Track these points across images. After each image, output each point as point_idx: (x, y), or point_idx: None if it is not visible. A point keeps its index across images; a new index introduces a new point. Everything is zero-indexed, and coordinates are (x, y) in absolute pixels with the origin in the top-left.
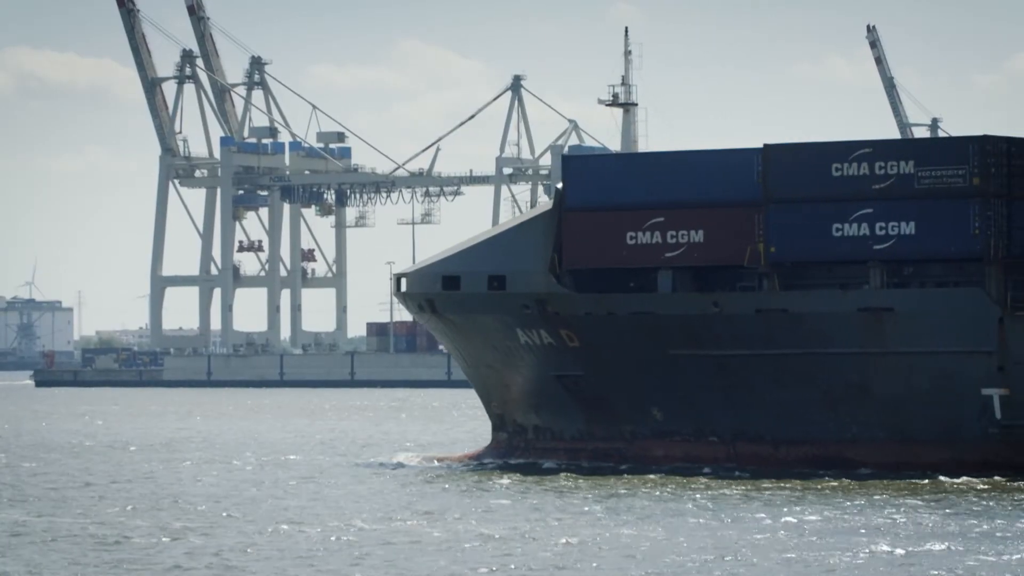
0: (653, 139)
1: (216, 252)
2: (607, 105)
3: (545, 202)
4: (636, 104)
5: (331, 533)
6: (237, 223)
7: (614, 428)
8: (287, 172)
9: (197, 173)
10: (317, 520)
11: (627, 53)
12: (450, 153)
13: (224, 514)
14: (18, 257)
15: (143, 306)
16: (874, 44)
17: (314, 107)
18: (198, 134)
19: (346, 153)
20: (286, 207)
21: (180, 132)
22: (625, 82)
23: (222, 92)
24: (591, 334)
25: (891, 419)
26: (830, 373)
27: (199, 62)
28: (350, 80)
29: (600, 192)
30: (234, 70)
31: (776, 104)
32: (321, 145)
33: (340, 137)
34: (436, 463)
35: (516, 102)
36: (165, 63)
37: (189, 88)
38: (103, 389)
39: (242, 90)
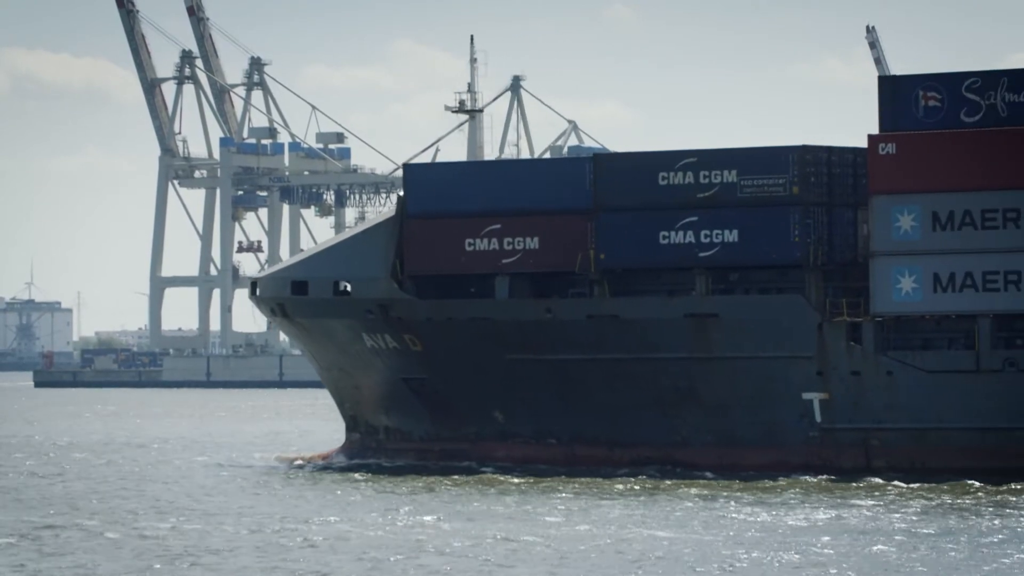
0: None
1: (215, 253)
2: (453, 112)
3: (389, 209)
4: (481, 111)
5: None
6: (236, 224)
7: (459, 429)
8: (286, 173)
9: (196, 174)
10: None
11: (473, 61)
12: (449, 154)
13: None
14: (17, 258)
15: (142, 307)
16: (873, 45)
17: (313, 108)
18: (197, 135)
19: (345, 154)
20: (285, 208)
21: (179, 133)
22: (471, 89)
23: (221, 93)
24: (433, 339)
25: (718, 422)
26: (659, 378)
27: (198, 63)
28: (345, 81)
29: (440, 200)
30: (233, 71)
31: (773, 105)
32: (320, 146)
33: (339, 138)
34: (290, 463)
35: (515, 103)
36: (164, 64)
37: (188, 89)
38: (102, 390)
39: (241, 91)
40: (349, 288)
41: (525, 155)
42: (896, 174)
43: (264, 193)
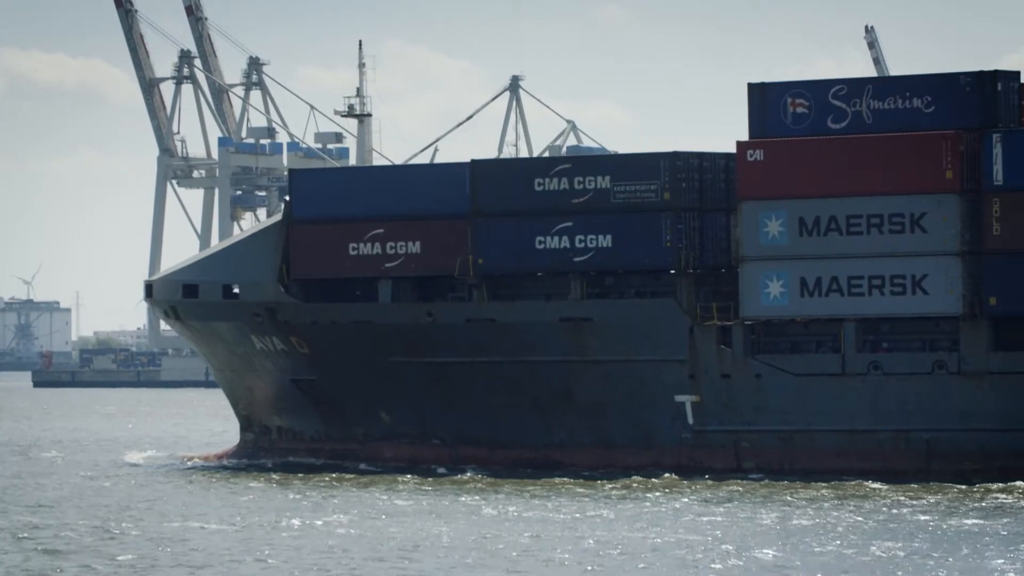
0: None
1: None
2: (342, 116)
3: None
4: (370, 115)
5: None
6: (235, 223)
7: (348, 430)
8: (285, 172)
9: (195, 174)
10: None
11: (361, 65)
12: (446, 155)
13: None
14: (16, 258)
15: (141, 307)
16: (872, 45)
17: (312, 107)
18: (196, 135)
19: (344, 153)
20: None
21: (178, 133)
22: (360, 93)
23: (220, 93)
24: (318, 341)
25: (593, 424)
26: (537, 380)
27: (197, 63)
28: (340, 82)
29: (325, 205)
30: (232, 71)
31: None
32: (319, 145)
33: (338, 137)
34: (183, 461)
35: (514, 103)
36: (163, 64)
37: (187, 89)
38: (101, 390)
39: (240, 90)
40: (238, 291)
41: (524, 155)
42: (764, 180)
43: (263, 193)
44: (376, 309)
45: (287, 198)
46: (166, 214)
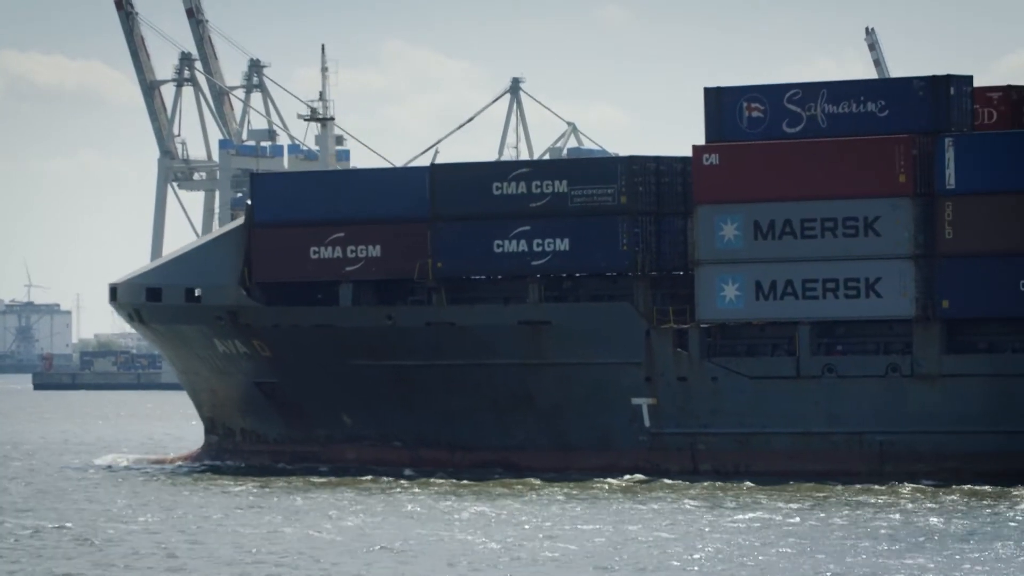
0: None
1: None
2: (305, 120)
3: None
4: (332, 119)
5: None
6: None
7: (310, 432)
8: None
9: (195, 176)
10: None
11: (324, 70)
12: (447, 156)
13: None
14: (16, 260)
15: None
16: (872, 46)
17: (312, 109)
18: (196, 137)
19: (344, 156)
20: None
21: (179, 135)
22: (323, 97)
23: (220, 95)
24: (280, 345)
25: (552, 427)
26: (496, 383)
27: (198, 65)
28: (337, 83)
29: (286, 208)
30: (233, 73)
31: None
32: (319, 148)
33: (339, 140)
34: (151, 463)
35: (515, 105)
36: (163, 66)
37: (187, 91)
38: (101, 392)
39: (241, 93)
40: (200, 294)
41: (524, 156)
42: (719, 184)
43: None
44: (337, 312)
45: (248, 202)
46: (167, 216)
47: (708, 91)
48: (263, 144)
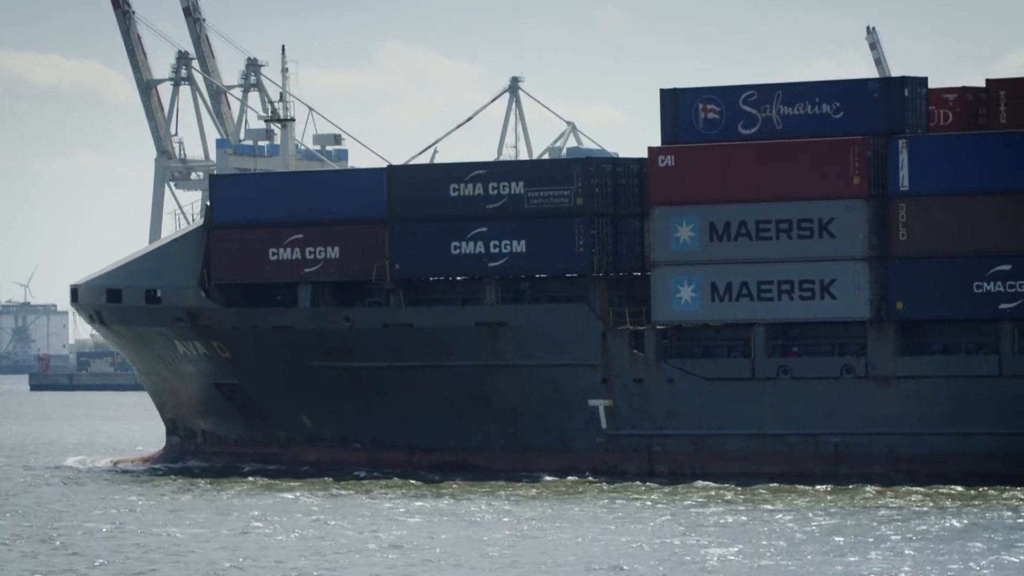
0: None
1: None
2: (265, 121)
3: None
4: (293, 120)
5: None
6: None
7: (270, 433)
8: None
9: (193, 175)
10: None
11: (284, 70)
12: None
13: None
14: (12, 260)
15: None
16: (874, 45)
17: (311, 109)
18: (194, 136)
19: (343, 155)
20: None
21: (176, 134)
22: (283, 98)
23: (218, 94)
24: (240, 346)
25: (509, 428)
26: (454, 384)
27: (195, 64)
28: (335, 83)
29: (245, 210)
30: (230, 72)
31: None
32: (318, 147)
33: (337, 139)
34: (113, 465)
35: (514, 104)
36: (160, 65)
37: (185, 90)
38: (98, 393)
39: (238, 92)
40: (161, 296)
41: (524, 156)
42: (675, 185)
43: None
44: (295, 314)
45: (207, 203)
46: (164, 216)
47: (664, 92)
48: (260, 143)
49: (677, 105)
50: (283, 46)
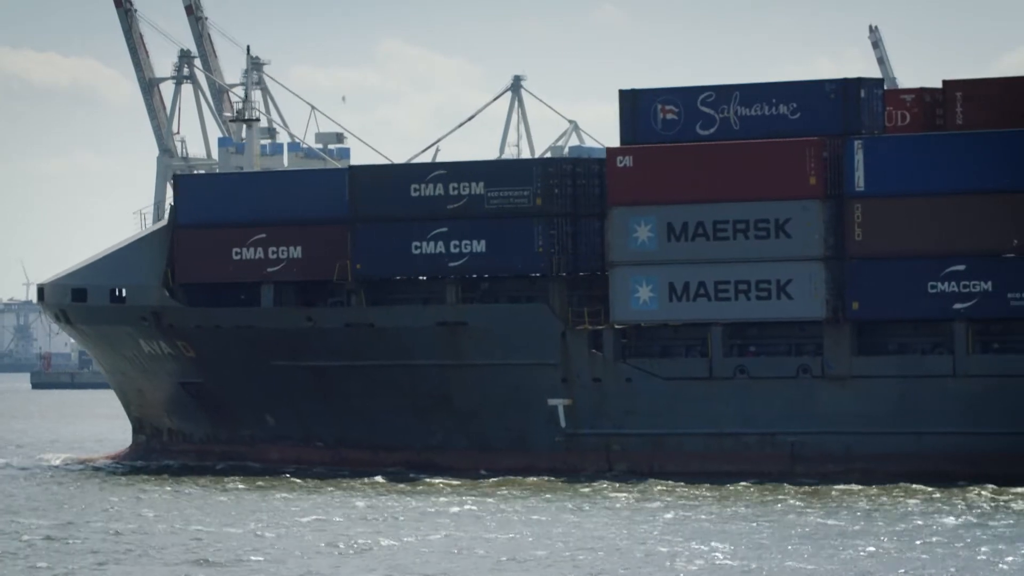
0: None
1: None
2: (231, 120)
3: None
4: (258, 120)
5: None
6: None
7: (235, 432)
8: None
9: (195, 174)
10: None
11: (248, 71)
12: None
13: None
14: (14, 259)
15: None
16: (876, 45)
17: (313, 108)
18: (196, 135)
19: (345, 154)
20: None
21: (178, 133)
22: (248, 97)
23: (220, 93)
24: (203, 345)
25: (470, 427)
26: (415, 384)
27: (197, 62)
28: (333, 82)
29: (209, 210)
30: (232, 70)
31: None
32: (320, 146)
33: (339, 138)
34: (81, 463)
35: (516, 103)
36: (162, 64)
37: (187, 88)
38: (100, 391)
39: (240, 90)
40: (125, 295)
41: (526, 155)
42: (633, 186)
43: None
44: (258, 314)
45: (171, 203)
46: (166, 214)
47: (623, 93)
48: (262, 142)
49: (636, 106)
50: (247, 46)
